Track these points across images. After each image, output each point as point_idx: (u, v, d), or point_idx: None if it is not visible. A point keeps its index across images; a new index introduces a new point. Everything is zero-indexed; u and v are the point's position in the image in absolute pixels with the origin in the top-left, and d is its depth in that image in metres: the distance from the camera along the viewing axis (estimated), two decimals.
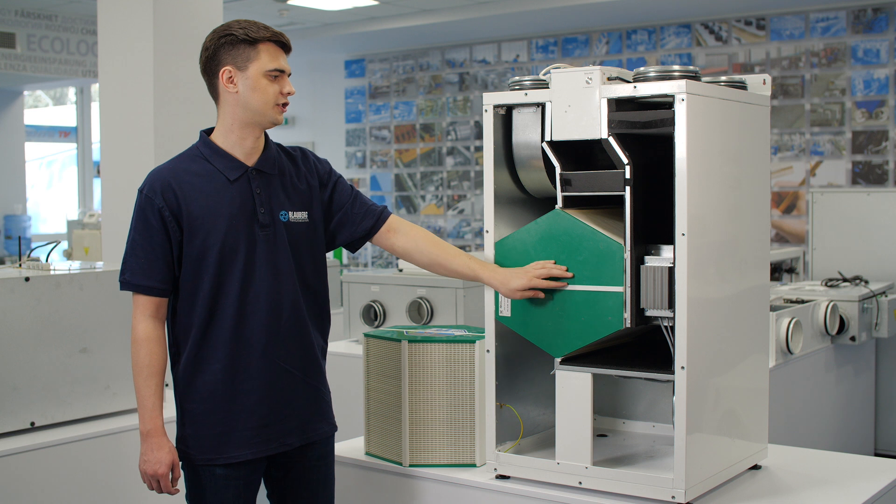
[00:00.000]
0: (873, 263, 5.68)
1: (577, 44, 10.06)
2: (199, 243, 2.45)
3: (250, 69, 2.46)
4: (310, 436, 2.59)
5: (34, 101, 14.51)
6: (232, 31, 2.47)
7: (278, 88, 2.49)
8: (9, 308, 3.14)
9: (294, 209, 2.56)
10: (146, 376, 2.45)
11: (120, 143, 5.37)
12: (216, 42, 2.48)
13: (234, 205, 2.47)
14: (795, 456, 2.88)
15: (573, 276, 2.49)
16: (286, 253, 2.52)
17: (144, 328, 2.46)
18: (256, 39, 2.46)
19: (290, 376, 2.53)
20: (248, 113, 2.49)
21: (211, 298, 2.46)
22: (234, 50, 2.46)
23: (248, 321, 2.47)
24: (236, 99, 2.48)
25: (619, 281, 2.42)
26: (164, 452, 2.45)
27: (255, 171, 2.52)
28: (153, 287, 2.45)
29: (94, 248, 7.38)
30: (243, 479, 2.51)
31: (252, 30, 2.47)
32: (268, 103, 2.48)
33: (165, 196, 2.44)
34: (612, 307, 2.43)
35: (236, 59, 2.47)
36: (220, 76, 2.48)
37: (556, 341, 2.52)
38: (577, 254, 2.49)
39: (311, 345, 2.59)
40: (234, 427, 2.48)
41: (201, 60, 2.53)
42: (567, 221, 2.51)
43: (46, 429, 3.22)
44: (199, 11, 5.40)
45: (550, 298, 2.53)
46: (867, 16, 8.55)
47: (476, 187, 10.73)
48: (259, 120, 2.50)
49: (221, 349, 2.46)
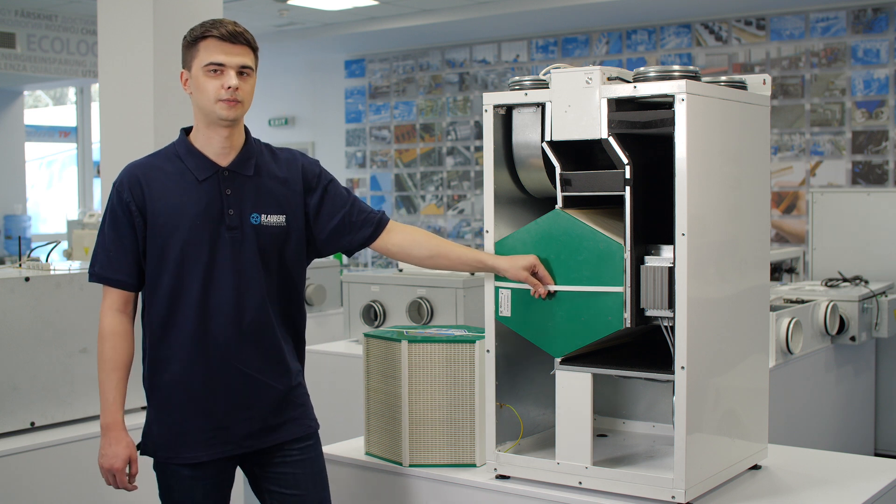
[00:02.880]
0: (873, 263, 5.68)
1: (577, 44, 10.06)
2: (161, 241, 2.45)
3: (193, 68, 2.47)
4: (273, 438, 2.55)
5: (34, 101, 14.51)
6: (187, 34, 2.50)
7: (219, 83, 2.43)
8: (9, 308, 3.14)
9: (268, 212, 2.52)
10: (108, 370, 2.47)
11: (120, 143, 5.37)
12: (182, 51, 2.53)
13: (200, 205, 2.45)
14: (795, 456, 2.88)
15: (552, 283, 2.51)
16: (254, 256, 2.49)
17: (110, 322, 2.47)
18: (196, 38, 2.46)
19: (250, 379, 2.50)
20: (202, 112, 2.48)
21: (171, 297, 2.45)
22: (185, 52, 2.50)
23: (209, 323, 2.46)
24: (194, 100, 2.50)
25: (619, 281, 2.41)
26: (121, 447, 2.46)
27: (228, 172, 2.50)
28: (120, 280, 2.47)
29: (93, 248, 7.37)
30: (210, 478, 2.51)
31: (197, 29, 2.47)
32: (209, 99, 2.44)
33: (133, 191, 2.45)
34: (612, 307, 2.43)
35: (186, 60, 2.50)
36: (181, 79, 2.52)
37: (556, 341, 2.52)
38: (576, 254, 2.48)
39: (277, 348, 2.55)
40: (191, 428, 2.48)
41: None
42: (567, 221, 2.51)
43: (46, 429, 3.22)
44: (199, 11, 5.39)
45: (550, 298, 2.53)
46: (867, 16, 8.55)
47: (476, 187, 10.72)
48: (212, 118, 2.47)
49: (180, 349, 2.46)
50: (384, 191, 11.48)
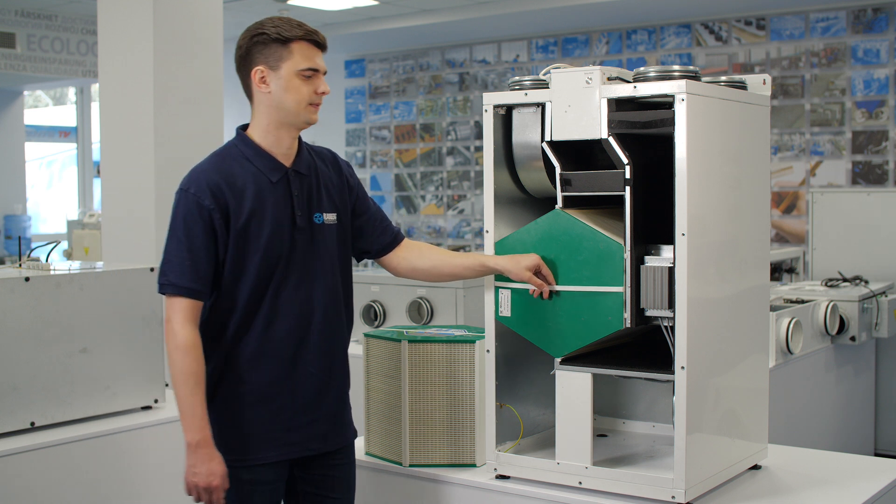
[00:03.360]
0: (873, 263, 5.68)
1: (577, 44, 10.06)
2: (244, 246, 2.41)
3: (283, 69, 2.43)
4: (334, 442, 2.57)
5: (34, 101, 14.50)
6: (265, 29, 2.43)
7: (312, 88, 2.45)
8: (9, 308, 3.14)
9: (326, 211, 2.53)
10: (193, 385, 2.36)
11: (120, 143, 5.37)
12: (249, 41, 2.45)
13: (277, 207, 2.44)
14: (795, 456, 2.88)
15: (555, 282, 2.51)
16: (319, 257, 2.50)
17: (187, 335, 2.37)
18: (288, 39, 2.42)
19: (317, 380, 2.51)
20: (281, 113, 2.45)
21: (248, 302, 2.43)
22: (266, 49, 2.43)
23: (279, 325, 2.45)
24: (270, 99, 2.44)
25: (619, 281, 2.41)
26: (215, 463, 2.37)
27: (293, 172, 2.49)
28: (196, 290, 2.38)
29: (94, 248, 7.38)
30: (269, 484, 2.48)
31: (285, 28, 2.43)
32: (301, 103, 2.44)
33: (216, 197, 2.39)
34: (612, 307, 2.42)
35: (268, 58, 2.43)
36: (253, 76, 2.45)
37: (556, 341, 2.52)
38: (576, 254, 2.48)
39: (343, 348, 2.58)
40: (260, 430, 2.45)
41: (235, 59, 2.50)
42: (567, 221, 2.50)
43: (46, 429, 3.21)
44: (199, 11, 5.40)
45: (550, 298, 2.52)
46: (867, 16, 8.55)
47: (476, 187, 10.72)
48: (293, 120, 2.46)
49: (252, 352, 2.44)
50: (384, 191, 11.48)
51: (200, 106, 5.34)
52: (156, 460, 3.34)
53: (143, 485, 3.33)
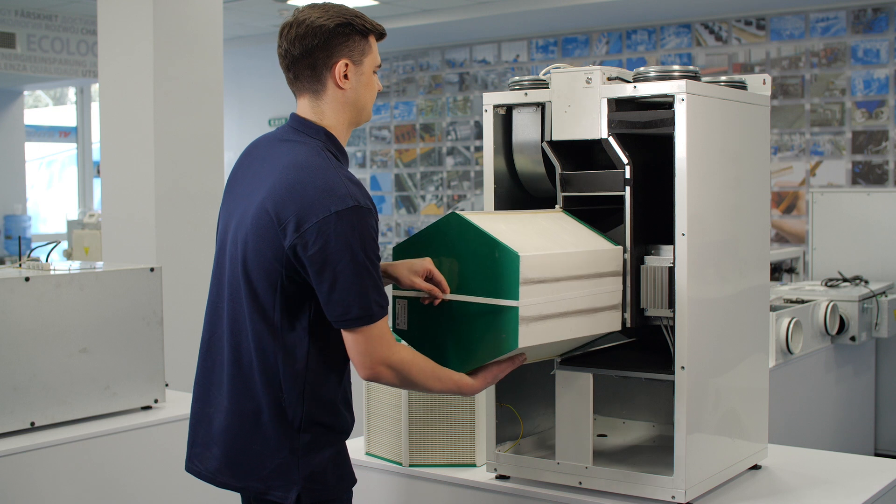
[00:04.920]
0: (873, 263, 5.68)
1: (577, 44, 10.06)
2: None
3: (366, 64, 2.21)
4: None
5: (34, 101, 14.51)
6: (347, 19, 2.17)
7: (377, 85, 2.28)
8: (9, 308, 3.13)
9: None
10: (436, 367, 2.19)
11: (120, 143, 5.37)
12: (330, 31, 2.16)
13: None
14: (795, 456, 2.88)
15: (448, 289, 2.26)
16: None
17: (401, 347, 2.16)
18: (368, 31, 2.21)
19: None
20: (355, 111, 2.23)
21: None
22: (349, 42, 2.18)
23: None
24: (345, 96, 2.20)
25: (515, 294, 2.13)
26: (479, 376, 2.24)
27: None
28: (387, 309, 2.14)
29: (94, 248, 7.39)
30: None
31: (365, 21, 2.21)
32: (372, 99, 2.26)
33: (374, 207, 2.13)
34: (506, 324, 2.15)
35: (353, 51, 2.19)
36: (336, 70, 2.18)
37: (452, 358, 2.28)
38: (470, 261, 2.23)
39: None
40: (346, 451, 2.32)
41: (305, 47, 2.17)
42: (461, 225, 2.25)
43: (46, 429, 3.21)
44: (199, 11, 5.40)
45: (444, 310, 2.29)
46: (867, 16, 8.55)
47: (476, 187, 10.72)
48: (364, 119, 2.26)
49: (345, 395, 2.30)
50: (384, 191, 11.48)
51: (200, 106, 5.34)
52: (156, 460, 3.34)
53: (143, 485, 3.33)
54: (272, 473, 2.16)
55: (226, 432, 2.21)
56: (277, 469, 2.16)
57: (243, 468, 2.19)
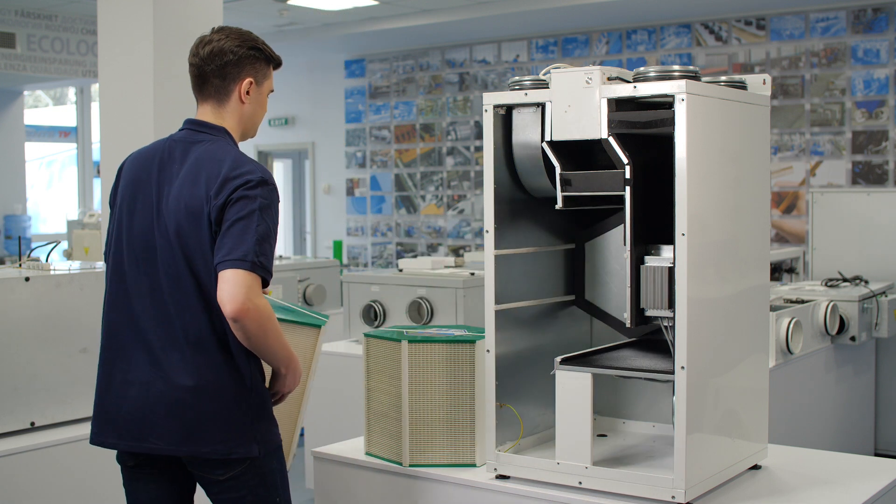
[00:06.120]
0: (873, 263, 5.68)
1: (577, 44, 10.06)
2: None
3: (264, 86, 2.58)
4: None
5: (34, 101, 14.50)
6: (258, 45, 2.55)
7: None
8: (9, 308, 3.14)
9: None
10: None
11: (120, 143, 5.37)
12: (245, 51, 2.52)
13: None
14: (795, 456, 2.88)
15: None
16: None
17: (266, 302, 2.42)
18: (272, 61, 2.59)
19: None
20: (249, 124, 2.59)
21: None
22: (257, 64, 2.55)
23: None
24: (243, 110, 2.56)
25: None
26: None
27: None
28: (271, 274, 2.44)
29: (94, 248, 7.38)
30: None
31: (269, 49, 2.59)
32: (261, 121, 2.64)
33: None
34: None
35: (258, 73, 2.55)
36: (242, 85, 2.54)
37: None
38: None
39: None
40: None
41: (220, 62, 2.51)
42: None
43: (46, 429, 3.22)
44: (199, 11, 5.40)
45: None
46: (867, 16, 8.55)
47: (476, 187, 10.72)
48: (249, 133, 2.61)
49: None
50: (384, 191, 11.47)
51: None
52: None
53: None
54: (234, 434, 2.40)
55: (180, 404, 2.38)
56: (239, 428, 2.40)
57: (207, 434, 2.39)
